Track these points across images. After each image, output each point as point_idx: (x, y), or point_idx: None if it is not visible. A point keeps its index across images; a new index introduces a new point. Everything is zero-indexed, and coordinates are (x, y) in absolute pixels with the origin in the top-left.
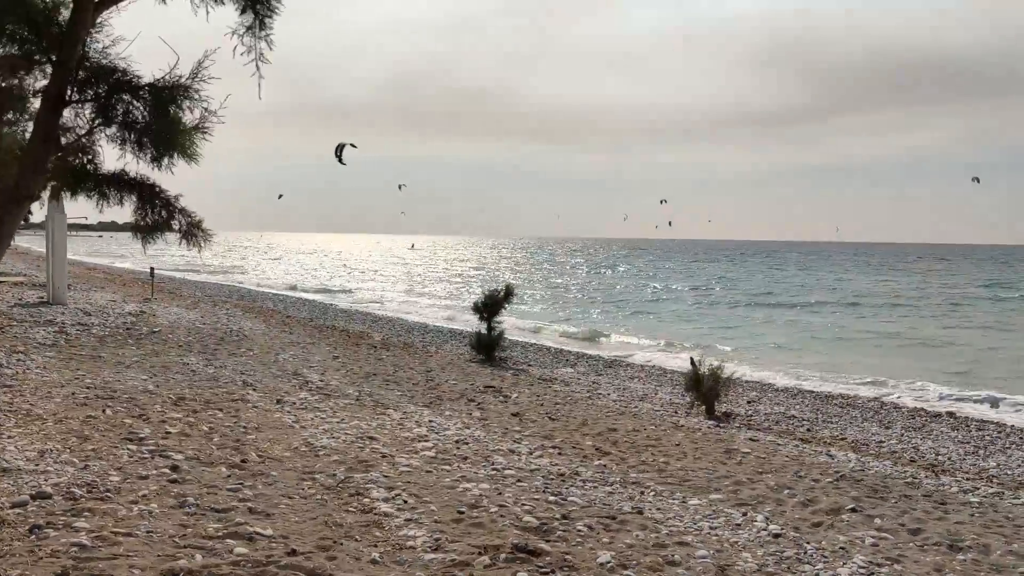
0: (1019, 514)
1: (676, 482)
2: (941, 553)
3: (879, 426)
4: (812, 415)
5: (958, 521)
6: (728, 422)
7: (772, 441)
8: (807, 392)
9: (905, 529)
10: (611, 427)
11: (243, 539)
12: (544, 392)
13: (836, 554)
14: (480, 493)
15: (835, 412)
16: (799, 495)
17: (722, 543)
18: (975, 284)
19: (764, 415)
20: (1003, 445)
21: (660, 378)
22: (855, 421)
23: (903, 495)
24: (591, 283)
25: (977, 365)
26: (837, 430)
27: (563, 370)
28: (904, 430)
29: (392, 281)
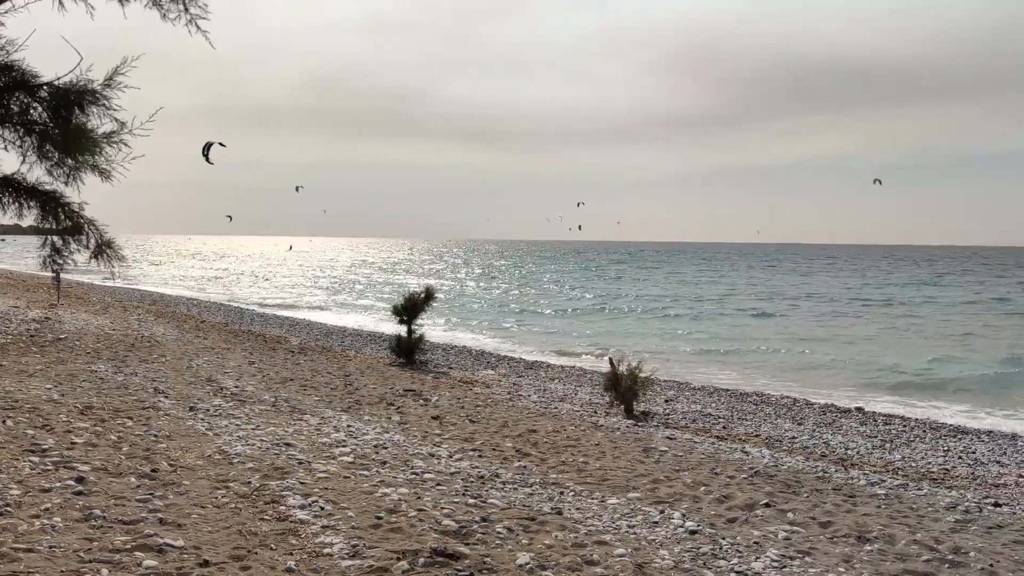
0: (922, 504)
1: (595, 482)
2: (850, 544)
3: (792, 422)
4: (727, 413)
5: (866, 513)
6: (646, 421)
7: (689, 439)
8: (722, 390)
9: (816, 522)
10: (531, 428)
11: (153, 551)
12: (465, 395)
13: (750, 548)
14: (399, 498)
15: (750, 409)
16: (715, 492)
17: (640, 541)
18: (894, 283)
19: (681, 413)
20: (907, 438)
21: (580, 379)
22: (769, 418)
23: (814, 489)
24: (503, 288)
25: (889, 361)
26: (752, 427)
27: (484, 372)
28: (816, 426)
29: (239, 282)
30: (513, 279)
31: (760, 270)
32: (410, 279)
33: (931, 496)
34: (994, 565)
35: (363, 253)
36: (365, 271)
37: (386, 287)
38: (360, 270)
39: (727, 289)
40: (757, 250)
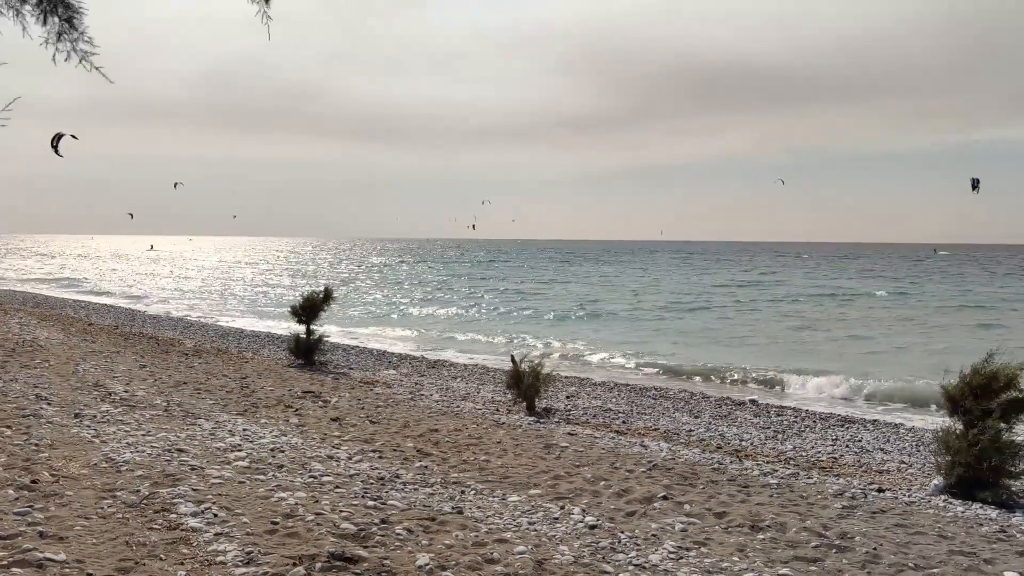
0: (812, 492)
1: (496, 479)
2: (744, 534)
3: (689, 415)
4: (627, 407)
5: (759, 502)
6: (548, 417)
7: (589, 434)
8: (623, 385)
9: (712, 513)
10: (433, 428)
11: (32, 567)
12: (365, 395)
13: (648, 541)
14: (296, 502)
15: (649, 404)
16: (614, 486)
17: (540, 538)
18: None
19: (582, 409)
20: (799, 429)
21: (483, 377)
22: (667, 411)
23: (710, 480)
24: (403, 287)
25: (783, 353)
26: (651, 421)
27: (385, 372)
28: (712, 418)
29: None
30: (416, 279)
31: (665, 268)
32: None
33: (820, 484)
34: (877, 548)
35: (243, 254)
36: (211, 272)
37: (206, 292)
38: (208, 272)
39: (628, 288)
40: (663, 247)
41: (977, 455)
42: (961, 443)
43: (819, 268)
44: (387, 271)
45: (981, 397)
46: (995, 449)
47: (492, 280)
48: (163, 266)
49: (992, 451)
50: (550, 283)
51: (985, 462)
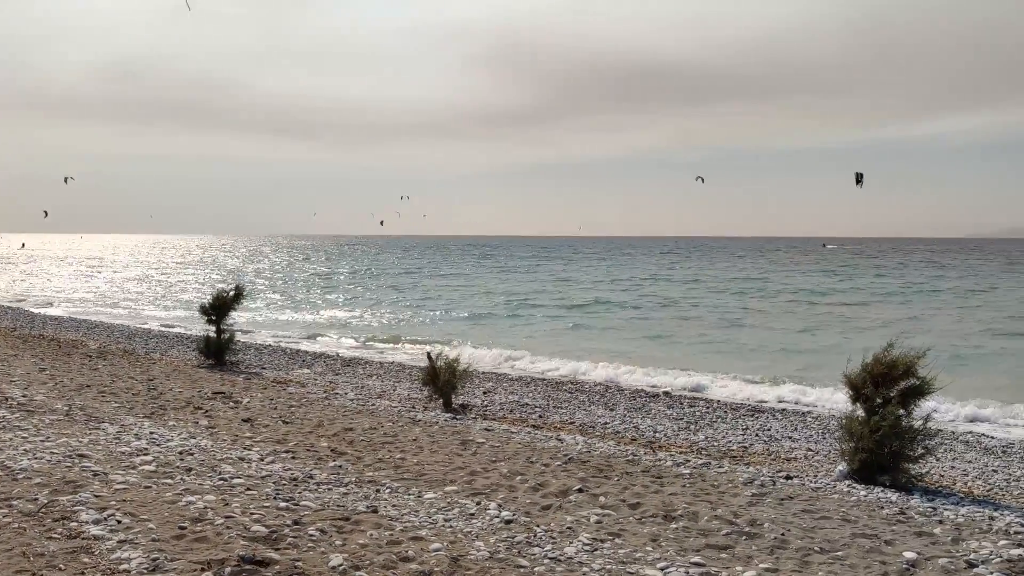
0: (723, 481)
1: (412, 477)
2: (657, 524)
3: (605, 408)
4: (544, 402)
5: (672, 492)
6: (465, 414)
7: (506, 429)
8: (539, 380)
9: (626, 504)
10: (348, 427)
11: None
12: (278, 395)
13: (563, 534)
14: (205, 505)
15: (565, 398)
16: (530, 480)
17: (456, 534)
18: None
19: (499, 404)
20: (711, 420)
21: (399, 374)
22: (583, 405)
23: (624, 472)
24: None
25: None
26: (567, 415)
27: (299, 371)
28: (627, 411)
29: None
30: (335, 277)
31: (573, 262)
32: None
33: (731, 473)
34: (785, 534)
35: (127, 253)
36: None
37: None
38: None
39: (539, 284)
40: (581, 244)
41: (878, 441)
42: (863, 430)
43: (730, 261)
44: (297, 270)
45: (881, 385)
46: (895, 435)
47: (410, 276)
48: (38, 265)
49: (892, 436)
50: (468, 278)
51: (886, 447)
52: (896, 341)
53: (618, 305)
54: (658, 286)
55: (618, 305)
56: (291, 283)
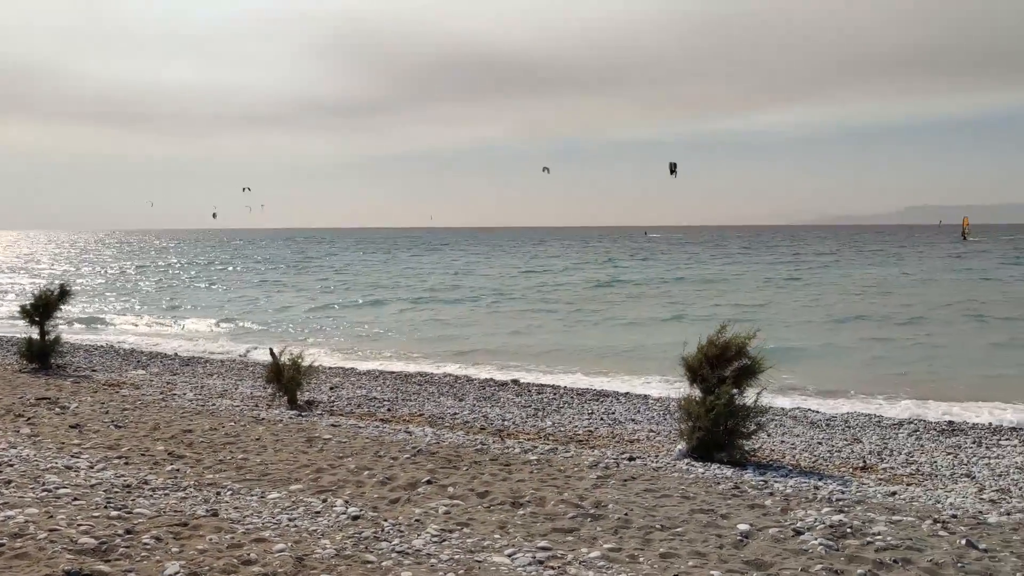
0: (569, 466)
1: (255, 477)
2: (505, 511)
3: (454, 399)
4: (392, 395)
5: (520, 479)
6: (311, 410)
7: (354, 424)
8: (388, 373)
9: (475, 493)
10: (186, 428)
11: None
12: (110, 398)
13: (412, 527)
14: (26, 519)
15: (414, 390)
16: (379, 474)
17: (301, 533)
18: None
19: (347, 399)
20: (558, 406)
21: (241, 372)
22: (432, 396)
23: (473, 462)
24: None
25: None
26: (416, 407)
27: (134, 372)
28: (476, 401)
29: None
30: (172, 271)
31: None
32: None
33: (577, 457)
34: (628, 514)
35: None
36: None
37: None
38: None
39: (390, 275)
40: (430, 235)
41: (714, 419)
42: (700, 409)
43: (582, 251)
44: (132, 265)
45: (716, 366)
46: (729, 413)
47: (255, 270)
48: None
49: (727, 415)
50: (316, 271)
51: (721, 425)
52: (729, 324)
53: (468, 297)
54: (503, 280)
55: (468, 297)
56: (125, 280)
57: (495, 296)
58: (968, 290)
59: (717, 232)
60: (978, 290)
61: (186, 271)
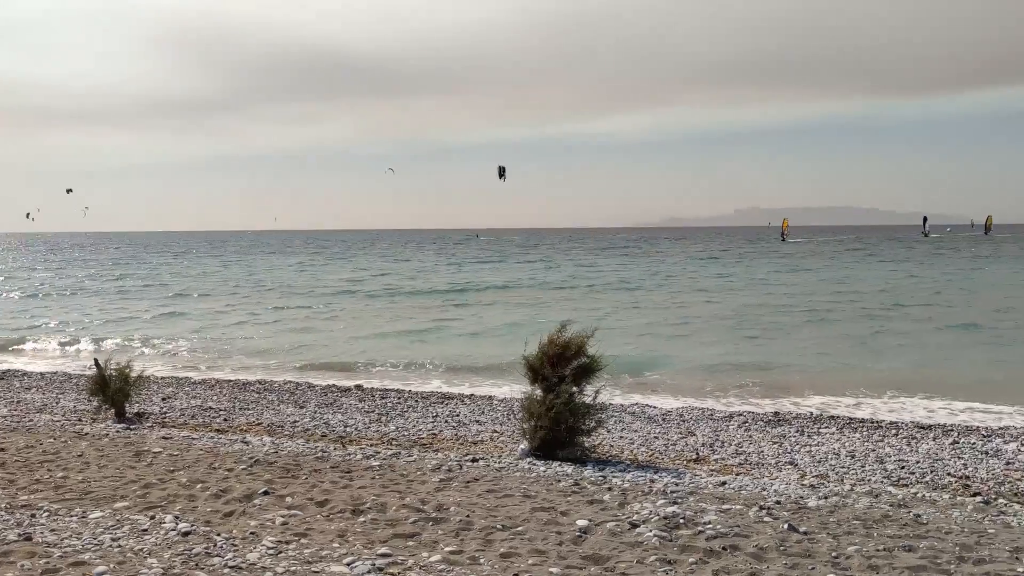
0: (412, 470)
1: (76, 496)
2: (345, 519)
3: (294, 407)
4: (230, 404)
5: (361, 486)
6: (140, 423)
7: (186, 436)
8: (225, 382)
9: (314, 502)
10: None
11: None
12: None
13: (247, 540)
14: None
15: (252, 398)
16: (212, 487)
17: (125, 554)
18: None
19: (180, 410)
20: (402, 410)
21: (64, 385)
22: (272, 405)
23: (313, 470)
24: None
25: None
26: (254, 416)
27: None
28: (317, 407)
29: None
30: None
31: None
32: None
33: (420, 461)
34: (470, 515)
35: None
36: None
37: None
38: None
39: (231, 278)
40: (273, 237)
41: (555, 418)
42: (541, 408)
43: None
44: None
45: (557, 365)
46: (570, 411)
47: (73, 276)
48: None
49: (567, 413)
50: (148, 277)
51: (562, 423)
52: (568, 323)
53: (315, 303)
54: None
55: (315, 303)
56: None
57: (342, 301)
58: (802, 291)
59: (556, 234)
60: (813, 290)
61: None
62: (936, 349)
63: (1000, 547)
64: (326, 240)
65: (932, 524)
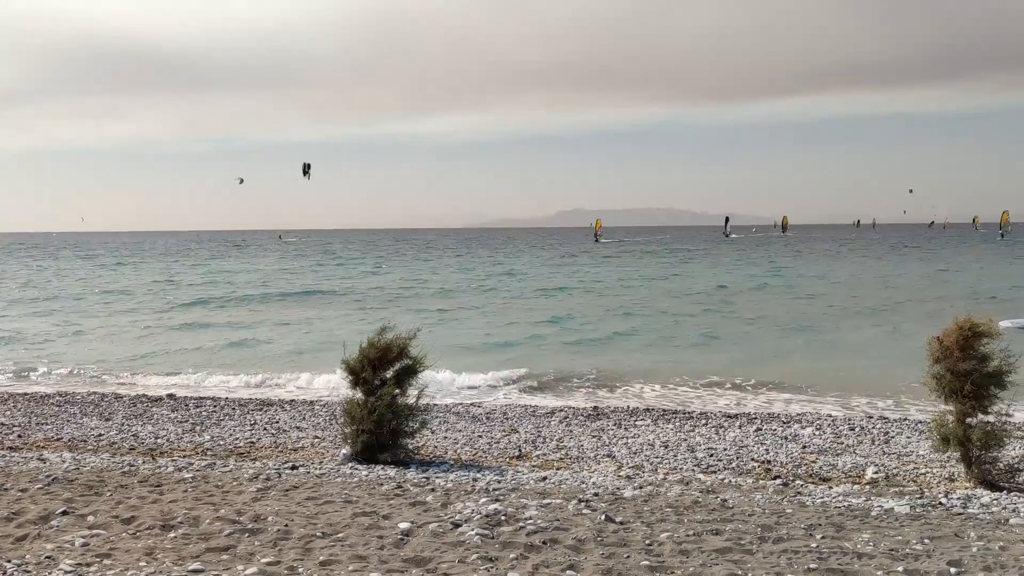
0: (228, 480)
1: None
2: (154, 535)
3: (99, 419)
4: (25, 419)
5: (172, 500)
6: None
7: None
8: (19, 395)
9: (119, 520)
10: None
11: None
12: None
13: (41, 566)
14: None
15: (52, 412)
16: (3, 510)
17: None
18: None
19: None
20: (218, 418)
21: None
22: (74, 418)
23: (119, 485)
24: None
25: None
26: (53, 431)
27: None
28: (125, 419)
29: None
30: None
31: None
32: None
33: (237, 471)
34: (289, 524)
35: None
36: None
37: None
38: None
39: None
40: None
41: (376, 421)
42: (363, 412)
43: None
44: None
45: (379, 367)
46: (392, 413)
47: None
48: None
49: (390, 415)
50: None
51: (385, 426)
52: (389, 325)
53: (115, 308)
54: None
55: (115, 308)
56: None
57: (149, 304)
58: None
59: (369, 235)
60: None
61: None
62: (732, 342)
63: (796, 525)
64: (139, 241)
65: (737, 508)
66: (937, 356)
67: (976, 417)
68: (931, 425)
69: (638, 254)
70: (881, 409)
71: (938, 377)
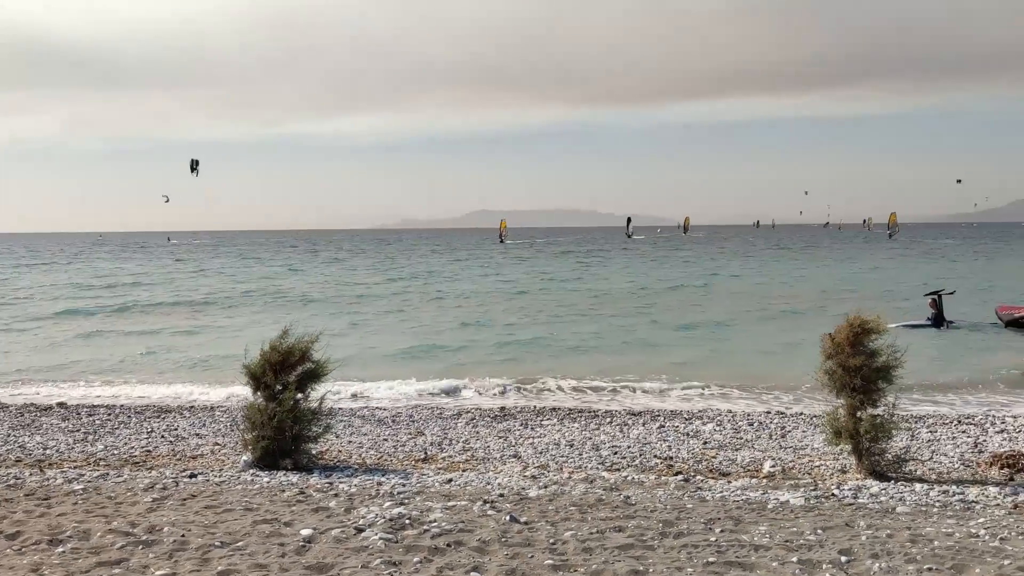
0: (121, 491)
1: None
2: (41, 551)
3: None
4: None
5: (61, 513)
6: None
7: None
8: None
9: (2, 536)
10: None
11: None
12: None
13: None
14: None
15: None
16: None
17: None
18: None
19: None
20: (112, 427)
21: None
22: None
23: (4, 499)
24: None
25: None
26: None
27: None
28: (11, 429)
29: None
30: None
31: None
32: None
33: (131, 481)
34: (186, 535)
35: None
36: None
37: None
38: None
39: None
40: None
41: (278, 426)
42: (264, 417)
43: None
44: None
45: (281, 372)
46: (294, 418)
47: None
48: None
49: (291, 420)
50: None
51: (287, 432)
52: (292, 328)
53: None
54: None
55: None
56: None
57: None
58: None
59: (277, 236)
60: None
61: None
62: (646, 343)
63: (696, 520)
64: (35, 243)
65: (640, 504)
66: (829, 352)
67: (865, 411)
68: (825, 419)
69: (549, 255)
70: (779, 405)
71: (830, 372)
